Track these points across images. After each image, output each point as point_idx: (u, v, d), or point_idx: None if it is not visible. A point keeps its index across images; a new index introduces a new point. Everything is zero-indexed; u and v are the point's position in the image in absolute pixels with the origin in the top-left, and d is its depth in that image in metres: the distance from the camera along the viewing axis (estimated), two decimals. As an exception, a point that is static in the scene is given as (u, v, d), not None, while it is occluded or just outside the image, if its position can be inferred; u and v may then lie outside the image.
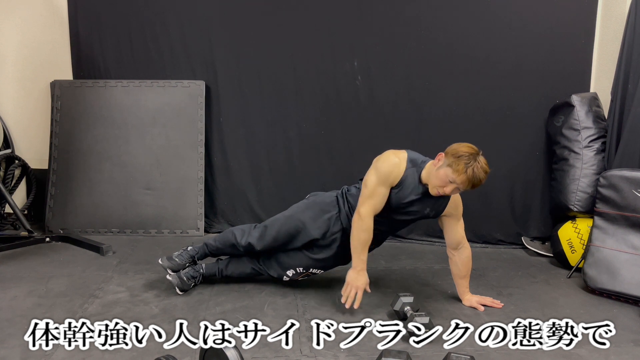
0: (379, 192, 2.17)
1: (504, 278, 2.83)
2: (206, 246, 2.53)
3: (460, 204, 2.33)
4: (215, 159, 3.61)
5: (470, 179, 2.03)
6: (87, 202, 3.48)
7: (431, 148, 3.42)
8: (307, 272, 2.43)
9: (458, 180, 2.04)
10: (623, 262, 2.55)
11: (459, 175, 2.03)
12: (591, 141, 3.12)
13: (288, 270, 2.43)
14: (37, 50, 3.59)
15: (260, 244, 2.39)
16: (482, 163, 2.05)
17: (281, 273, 2.44)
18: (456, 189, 2.09)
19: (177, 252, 2.50)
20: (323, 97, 3.51)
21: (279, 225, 2.37)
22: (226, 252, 2.52)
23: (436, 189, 2.11)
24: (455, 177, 2.04)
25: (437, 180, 2.10)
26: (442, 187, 2.09)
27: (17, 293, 2.37)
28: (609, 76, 3.15)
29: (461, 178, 2.03)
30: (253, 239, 2.40)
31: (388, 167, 2.17)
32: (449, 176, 2.06)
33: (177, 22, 3.51)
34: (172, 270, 2.44)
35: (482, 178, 2.04)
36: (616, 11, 3.26)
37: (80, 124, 3.52)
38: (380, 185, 2.17)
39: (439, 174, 2.09)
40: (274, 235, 2.37)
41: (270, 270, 2.47)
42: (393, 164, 2.18)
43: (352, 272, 2.21)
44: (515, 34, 3.38)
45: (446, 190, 2.09)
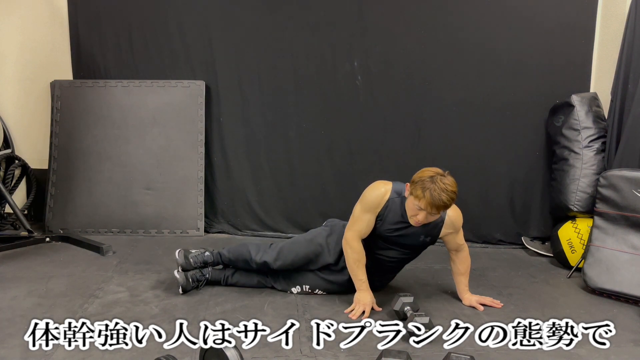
0: (364, 219, 2.26)
1: (504, 278, 2.83)
2: (220, 256, 2.54)
3: (457, 220, 2.32)
4: (215, 159, 3.61)
5: (430, 201, 2.04)
6: (87, 202, 3.48)
7: (431, 148, 3.47)
8: (312, 292, 2.46)
9: (422, 206, 2.06)
10: (623, 262, 2.55)
11: (420, 201, 2.06)
12: (591, 141, 3.12)
13: (295, 287, 2.45)
14: (37, 50, 3.60)
15: (277, 264, 2.40)
16: (442, 183, 2.05)
17: (287, 288, 2.47)
18: (427, 214, 2.10)
19: (194, 252, 2.49)
20: (323, 97, 3.51)
21: (298, 248, 2.41)
22: (239, 266, 2.52)
23: (412, 219, 2.17)
24: (418, 203, 2.07)
25: (409, 211, 2.16)
26: (415, 216, 2.13)
27: (17, 293, 2.37)
28: (609, 76, 3.15)
29: (422, 203, 2.05)
30: (270, 258, 2.40)
31: (373, 196, 2.26)
32: (415, 204, 2.10)
33: (177, 22, 3.51)
34: (182, 268, 2.44)
35: (445, 199, 2.04)
36: (616, 11, 3.26)
37: (80, 124, 3.52)
38: (364, 212, 2.26)
39: (408, 204, 2.16)
40: (292, 258, 2.39)
41: (276, 284, 2.48)
42: (378, 194, 2.26)
43: (357, 294, 2.29)
44: (515, 34, 3.38)
45: (419, 219, 2.12)
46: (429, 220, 2.16)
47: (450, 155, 3.44)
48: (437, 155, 3.45)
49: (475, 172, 3.45)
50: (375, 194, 2.26)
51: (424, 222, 2.15)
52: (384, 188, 2.26)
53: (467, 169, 3.43)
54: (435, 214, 2.11)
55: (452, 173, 2.43)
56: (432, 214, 2.10)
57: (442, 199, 2.03)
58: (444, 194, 2.03)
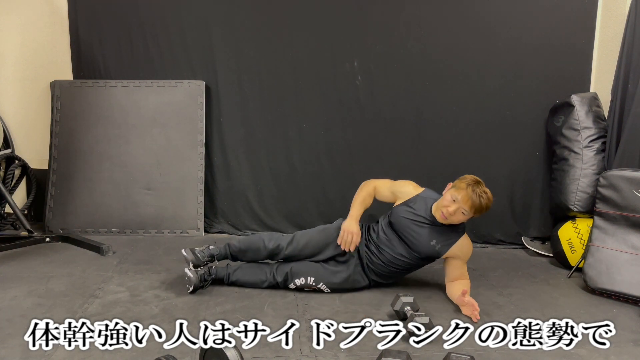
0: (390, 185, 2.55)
1: (504, 278, 2.83)
2: (228, 246, 2.55)
3: (467, 249, 2.43)
4: (215, 159, 3.61)
5: (470, 196, 2.23)
6: (87, 202, 3.48)
7: (431, 148, 3.47)
8: (316, 285, 2.45)
9: (459, 197, 2.24)
10: (623, 262, 2.55)
11: (460, 192, 2.25)
12: (591, 141, 3.12)
13: (298, 279, 2.44)
14: (37, 50, 3.59)
15: (289, 247, 2.47)
16: (483, 188, 2.27)
17: (290, 280, 2.45)
18: (459, 210, 2.26)
19: (199, 248, 2.51)
20: (323, 97, 3.51)
21: (311, 236, 2.51)
22: (248, 255, 2.54)
23: (441, 210, 2.31)
24: (457, 194, 2.26)
25: (443, 202, 2.32)
26: (447, 206, 2.28)
27: (17, 293, 2.37)
28: (609, 76, 3.15)
29: (462, 194, 2.24)
30: (283, 242, 2.48)
31: (406, 183, 2.56)
32: (452, 195, 2.28)
33: (177, 22, 3.51)
34: (193, 265, 2.45)
35: (483, 202, 2.24)
36: (616, 11, 3.26)
37: (80, 124, 3.52)
38: (394, 184, 2.55)
39: (445, 196, 2.34)
40: (305, 242, 2.49)
41: (278, 276, 2.47)
42: (411, 184, 2.55)
43: (346, 221, 2.47)
44: (515, 34, 3.39)
45: (450, 210, 2.26)
46: (456, 219, 2.30)
47: (450, 155, 3.44)
48: (437, 155, 3.46)
49: (475, 172, 3.38)
50: (408, 183, 2.55)
51: (451, 217, 2.28)
52: (415, 185, 2.55)
53: (467, 169, 3.39)
54: (465, 214, 2.27)
55: (452, 173, 2.45)
56: (464, 212, 2.26)
57: (481, 200, 2.24)
58: (484, 196, 2.25)
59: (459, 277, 2.44)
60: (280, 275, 2.46)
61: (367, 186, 2.55)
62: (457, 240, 2.40)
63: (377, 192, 2.54)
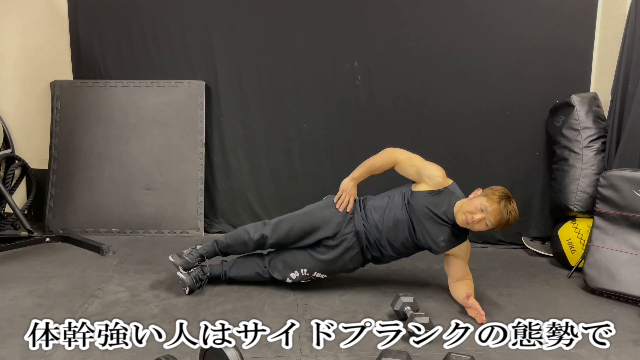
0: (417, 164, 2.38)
1: (504, 278, 2.83)
2: (216, 243, 2.51)
3: (468, 250, 2.43)
4: (215, 159, 3.61)
5: (502, 210, 2.17)
6: (87, 202, 3.48)
7: (431, 148, 3.46)
8: (310, 275, 2.43)
9: (490, 209, 2.17)
10: (623, 262, 2.55)
11: (492, 204, 2.17)
12: (591, 141, 3.12)
13: (292, 272, 2.43)
14: (37, 51, 3.59)
15: (273, 236, 2.40)
16: (514, 205, 2.21)
17: (285, 275, 2.44)
18: (484, 220, 2.19)
19: (186, 250, 2.47)
20: (323, 97, 3.51)
21: (295, 221, 2.42)
22: (236, 249, 2.51)
23: (465, 215, 2.21)
24: (488, 204, 2.18)
25: (470, 207, 2.21)
26: (473, 213, 2.19)
27: (17, 293, 2.37)
28: (609, 76, 3.15)
29: (493, 207, 2.17)
30: (267, 231, 2.41)
31: (437, 169, 2.36)
32: (482, 204, 2.19)
33: (177, 22, 3.51)
34: (183, 268, 2.42)
35: (511, 217, 2.20)
36: (616, 11, 3.26)
37: (80, 124, 3.52)
38: (422, 168, 2.36)
39: (473, 201, 2.23)
40: (288, 228, 2.40)
41: (274, 273, 2.46)
42: (441, 171, 2.36)
43: (347, 180, 2.44)
44: (515, 34, 3.39)
45: (475, 218, 2.18)
46: (478, 227, 2.22)
47: (450, 155, 3.43)
48: (437, 155, 3.41)
49: (475, 172, 3.45)
50: (439, 170, 2.36)
51: (474, 225, 2.21)
52: (444, 175, 2.37)
53: (467, 169, 3.44)
54: (489, 225, 2.20)
55: (452, 173, 2.44)
56: (487, 223, 2.19)
57: (509, 217, 2.19)
58: (512, 214, 2.20)
59: (463, 277, 2.42)
60: (275, 272, 2.45)
61: (388, 155, 2.41)
62: (463, 242, 2.38)
63: (400, 165, 2.38)
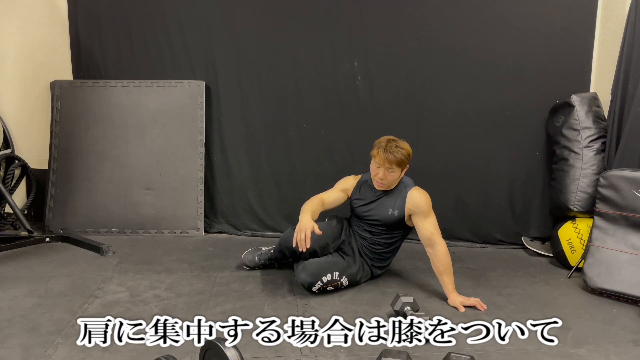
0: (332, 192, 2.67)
1: (504, 278, 2.83)
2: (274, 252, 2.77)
3: (420, 200, 2.52)
4: (215, 159, 3.61)
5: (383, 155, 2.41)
6: (87, 202, 3.48)
7: (431, 147, 3.46)
8: (339, 280, 2.47)
9: (379, 161, 2.44)
10: (623, 262, 2.55)
11: (378, 157, 2.44)
12: (591, 141, 3.12)
13: (325, 276, 2.42)
14: (37, 50, 3.60)
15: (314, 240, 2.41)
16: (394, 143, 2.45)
17: (315, 279, 2.41)
18: (385, 170, 2.45)
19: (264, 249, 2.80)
20: (323, 97, 3.51)
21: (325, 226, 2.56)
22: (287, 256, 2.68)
23: (375, 180, 2.52)
24: (375, 160, 2.46)
25: (372, 173, 2.53)
26: (376, 175, 2.49)
27: (17, 293, 2.38)
28: (609, 76, 3.14)
29: (378, 158, 2.44)
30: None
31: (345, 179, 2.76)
32: (373, 164, 2.50)
33: (177, 22, 3.51)
34: (247, 267, 2.77)
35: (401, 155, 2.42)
36: (616, 11, 3.26)
37: (80, 124, 3.52)
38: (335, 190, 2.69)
39: (371, 168, 2.54)
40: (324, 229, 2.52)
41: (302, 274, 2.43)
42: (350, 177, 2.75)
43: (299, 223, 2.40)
44: (515, 34, 3.38)
45: (379, 175, 2.47)
46: (390, 179, 2.47)
47: (450, 155, 3.44)
48: (437, 155, 3.45)
49: (475, 172, 3.45)
50: (347, 178, 2.75)
51: (385, 180, 2.47)
52: (353, 176, 2.74)
53: (467, 169, 3.44)
54: (390, 169, 2.44)
55: (452, 173, 2.44)
56: (388, 169, 2.44)
57: (396, 154, 2.42)
58: (395, 148, 2.44)
59: (430, 237, 2.46)
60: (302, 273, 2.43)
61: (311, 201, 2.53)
62: (406, 197, 2.52)
63: (327, 201, 2.58)
